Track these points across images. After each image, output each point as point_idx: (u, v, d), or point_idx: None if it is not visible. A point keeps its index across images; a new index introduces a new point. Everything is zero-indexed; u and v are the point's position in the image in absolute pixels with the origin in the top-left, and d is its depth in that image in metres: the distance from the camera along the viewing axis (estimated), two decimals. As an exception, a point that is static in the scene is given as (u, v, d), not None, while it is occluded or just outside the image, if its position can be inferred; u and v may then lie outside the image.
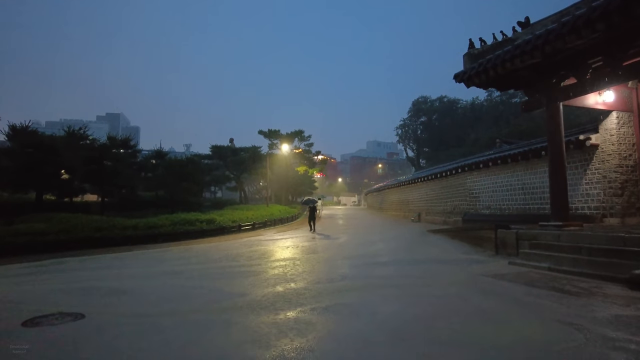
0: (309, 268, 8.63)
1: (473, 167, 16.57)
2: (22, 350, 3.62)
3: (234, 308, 5.20)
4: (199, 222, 17.14)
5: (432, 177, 21.09)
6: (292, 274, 7.78)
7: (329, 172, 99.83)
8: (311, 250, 12.11)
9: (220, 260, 10.15)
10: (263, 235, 17.43)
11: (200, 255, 11.31)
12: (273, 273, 7.99)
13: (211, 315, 4.90)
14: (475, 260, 9.55)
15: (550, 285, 6.26)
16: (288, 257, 10.49)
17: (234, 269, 8.74)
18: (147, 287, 6.81)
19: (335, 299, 5.56)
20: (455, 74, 11.05)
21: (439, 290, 6.14)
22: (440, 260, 9.54)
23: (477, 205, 16.56)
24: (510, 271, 7.83)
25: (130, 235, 14.72)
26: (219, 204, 28.26)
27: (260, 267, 8.91)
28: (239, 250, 12.11)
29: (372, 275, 7.74)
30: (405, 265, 8.92)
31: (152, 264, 9.93)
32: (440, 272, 8.01)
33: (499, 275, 7.38)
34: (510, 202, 14.47)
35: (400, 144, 62.09)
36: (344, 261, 9.69)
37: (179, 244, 14.73)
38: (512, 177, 14.43)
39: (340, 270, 8.23)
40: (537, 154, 12.97)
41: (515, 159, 14.01)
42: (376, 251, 11.40)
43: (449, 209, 19.43)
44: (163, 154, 25.62)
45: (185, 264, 9.67)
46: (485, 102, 52.60)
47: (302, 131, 33.88)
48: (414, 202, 25.93)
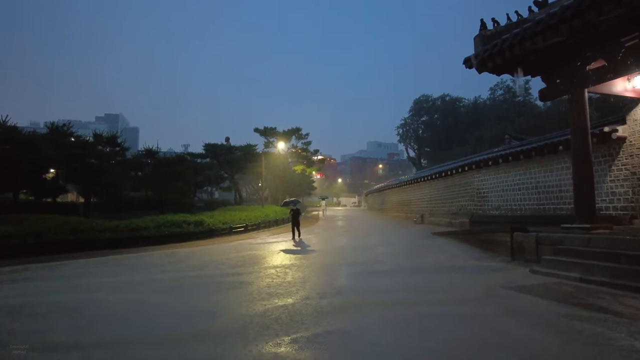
0: (299, 278, 7.45)
1: (481, 164, 15.39)
2: (22, 350, 3.52)
3: (194, 337, 4.03)
4: (186, 224, 15.97)
5: (437, 176, 19.90)
6: (278, 287, 6.60)
7: (329, 173, 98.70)
8: (305, 255, 10.93)
9: (201, 268, 8.98)
10: (255, 238, 16.26)
11: (180, 262, 10.14)
12: (257, 285, 6.81)
13: (159, 349, 3.73)
14: (490, 267, 8.37)
15: (590, 303, 5.08)
16: (278, 265, 9.31)
17: (214, 279, 7.57)
18: (99, 304, 5.65)
19: (325, 323, 4.38)
20: (465, 58, 9.89)
21: (454, 309, 4.96)
22: (450, 268, 8.36)
23: (486, 205, 15.38)
24: (534, 282, 6.65)
25: (109, 238, 13.56)
26: (213, 204, 27.10)
27: (244, 276, 7.73)
28: (226, 256, 10.93)
29: (371, 287, 6.56)
30: (410, 275, 7.73)
31: (122, 272, 8.75)
32: (452, 283, 6.83)
33: (522, 287, 6.20)
34: (523, 202, 13.29)
35: (401, 143, 60.89)
36: (341, 269, 8.52)
37: (163, 247, 13.56)
38: (524, 175, 13.25)
39: (335, 281, 7.05)
40: (553, 149, 11.80)
41: (528, 155, 12.84)
42: (377, 257, 10.22)
43: (454, 210, 18.25)
44: (153, 153, 24.41)
45: (159, 272, 8.50)
46: (488, 101, 51.43)
47: (300, 129, 32.59)
48: (416, 203, 24.74)
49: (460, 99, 53.03)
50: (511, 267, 8.25)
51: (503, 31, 9.23)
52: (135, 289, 6.72)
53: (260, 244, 14.08)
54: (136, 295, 6.16)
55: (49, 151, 17.77)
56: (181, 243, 14.58)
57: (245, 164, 27.02)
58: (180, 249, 13.10)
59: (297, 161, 34.19)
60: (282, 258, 10.41)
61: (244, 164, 27.01)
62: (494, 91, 51.06)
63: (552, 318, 4.48)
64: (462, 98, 53.17)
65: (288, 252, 11.55)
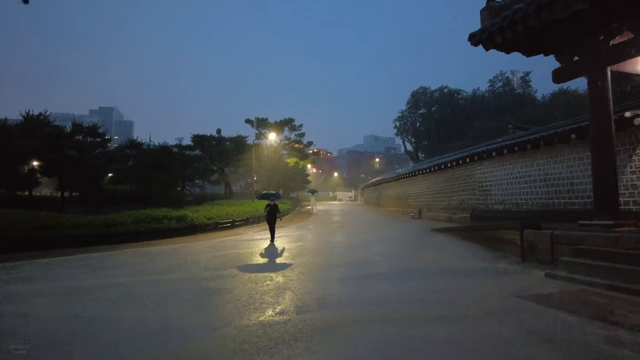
0: (279, 284, 6.39)
1: (484, 155, 14.34)
2: (22, 350, 3.44)
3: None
4: (167, 220, 14.89)
5: (435, 168, 18.85)
6: (249, 297, 5.54)
7: (325, 167, 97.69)
8: (291, 255, 9.88)
9: (170, 270, 7.90)
10: (242, 234, 15.19)
11: (152, 261, 9.07)
12: (224, 297, 5.74)
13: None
14: (498, 270, 7.35)
15: (636, 322, 4.04)
16: (258, 267, 8.26)
17: (177, 285, 6.51)
18: (20, 320, 4.55)
19: (298, 356, 3.32)
20: (470, 33, 8.81)
21: (466, 331, 3.92)
22: (454, 271, 7.34)
23: (489, 199, 14.36)
24: (554, 289, 5.63)
25: (81, 235, 12.45)
26: (203, 198, 25.98)
27: (213, 282, 6.66)
28: (203, 255, 9.87)
29: (363, 297, 5.50)
30: (409, 279, 6.70)
31: (79, 274, 7.65)
32: (458, 290, 5.80)
33: (542, 297, 5.18)
34: (529, 195, 12.28)
35: (398, 136, 59.70)
36: (330, 272, 7.47)
37: (139, 245, 12.48)
38: (531, 166, 12.23)
39: (321, 289, 6.00)
40: (564, 138, 10.76)
41: (536, 145, 11.80)
42: (371, 257, 9.18)
43: (454, 205, 17.24)
44: (137, 144, 23.21)
45: (121, 275, 7.43)
46: (487, 93, 50.47)
47: (292, 119, 31.25)
48: (413, 197, 23.73)
49: (459, 90, 51.93)
50: (523, 270, 7.23)
51: (514, 1, 8.15)
52: (81, 297, 5.64)
53: (246, 241, 13.01)
54: (78, 307, 5.08)
55: (21, 141, 16.54)
56: (160, 240, 13.51)
57: (235, 156, 25.80)
58: (157, 246, 12.03)
59: (290, 153, 32.94)
60: (265, 258, 9.36)
61: (234, 156, 25.80)
62: (493, 83, 50.14)
63: (594, 346, 3.44)
64: (461, 90, 52.04)
65: (272, 252, 10.50)
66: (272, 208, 12.44)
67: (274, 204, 12.57)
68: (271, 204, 12.46)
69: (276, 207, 12.67)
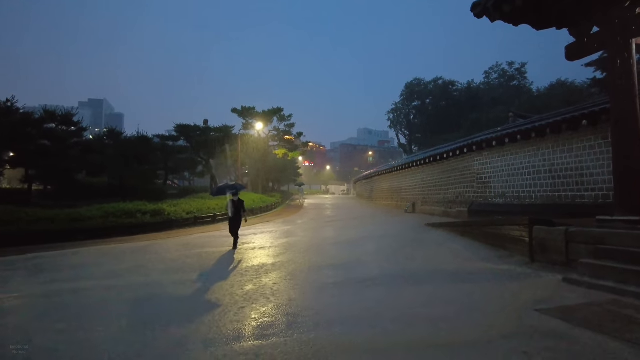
0: (246, 295, 5.32)
1: (483, 145, 13.34)
2: (22, 350, 3.35)
3: None
4: (141, 214, 13.70)
5: (431, 160, 17.84)
6: (203, 312, 4.45)
7: (318, 160, 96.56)
8: (273, 254, 8.82)
9: (119, 275, 6.78)
10: (222, 230, 14.03)
11: (106, 263, 7.92)
12: (170, 312, 4.64)
13: None
14: (506, 273, 6.35)
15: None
16: (227, 269, 7.18)
17: (122, 294, 5.39)
18: None
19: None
20: (474, 2, 7.75)
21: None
22: (455, 274, 6.31)
23: (488, 192, 13.39)
24: (580, 300, 4.62)
25: (41, 231, 11.23)
26: (188, 192, 24.69)
27: (166, 289, 5.57)
28: (170, 255, 8.76)
29: (347, 313, 4.42)
30: (404, 286, 5.64)
31: (12, 277, 6.49)
32: (462, 301, 4.77)
33: (568, 311, 4.17)
34: (533, 188, 11.32)
35: (392, 129, 58.56)
36: (311, 276, 6.42)
37: (107, 242, 11.33)
38: (535, 156, 11.25)
39: (297, 301, 4.93)
40: (573, 125, 9.79)
41: (541, 133, 10.83)
42: (360, 256, 8.13)
43: (450, 198, 16.26)
44: (117, 134, 21.87)
45: (54, 280, 6.29)
46: (482, 85, 49.48)
47: (281, 109, 29.70)
48: (407, 190, 22.74)
49: (454, 82, 50.84)
50: (534, 273, 6.24)
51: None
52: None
53: (225, 237, 11.88)
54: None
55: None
56: (131, 236, 12.34)
57: (220, 146, 24.52)
58: (125, 243, 10.88)
59: (280, 144, 31.61)
60: (238, 259, 8.27)
61: (220, 147, 24.52)
62: (489, 75, 49.13)
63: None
64: (456, 81, 50.96)
65: (250, 251, 9.41)
66: (235, 204, 9.80)
67: (237, 199, 9.90)
68: (234, 199, 9.81)
69: (241, 204, 10.02)
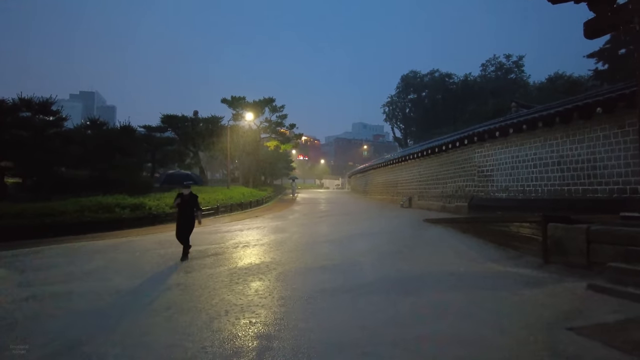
0: (217, 305, 4.48)
1: (485, 136, 12.54)
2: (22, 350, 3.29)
3: None
4: (120, 209, 12.74)
5: (429, 152, 17.02)
6: (149, 330, 3.60)
7: (312, 155, 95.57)
8: (258, 253, 7.97)
9: (77, 278, 5.96)
10: (210, 225, 13.16)
11: (67, 264, 7.04)
12: (111, 334, 3.78)
13: None
14: (519, 277, 5.58)
15: None
16: (200, 273, 6.32)
17: (45, 305, 4.52)
18: None
19: None
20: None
21: None
22: (460, 278, 5.53)
23: (490, 186, 12.62)
24: (620, 315, 3.85)
25: (4, 228, 10.27)
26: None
27: (120, 300, 4.71)
28: (143, 255, 7.89)
29: (336, 334, 3.59)
30: (403, 294, 4.83)
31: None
32: (474, 315, 3.98)
33: (606, 330, 3.39)
34: (539, 181, 10.57)
35: (387, 122, 57.66)
36: (299, 282, 5.59)
37: (79, 238, 10.41)
38: (542, 147, 10.49)
39: (275, 315, 4.10)
40: (586, 112, 9.00)
41: (549, 122, 10.04)
42: (355, 257, 7.31)
43: (449, 192, 15.49)
44: (100, 124, 20.76)
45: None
46: (479, 78, 48.71)
47: (273, 99, 28.51)
48: (403, 184, 21.95)
49: (450, 74, 49.98)
50: (552, 278, 5.47)
51: None
52: None
53: (206, 234, 11.02)
54: None
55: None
56: (108, 232, 11.42)
57: (209, 137, 23.48)
58: (99, 240, 9.98)
59: (271, 137, 30.49)
60: (218, 258, 7.41)
61: (209, 139, 23.47)
62: (486, 67, 48.40)
63: None
64: (452, 74, 50.11)
65: (230, 249, 8.55)
66: (186, 200, 7.61)
67: (189, 194, 7.68)
68: (184, 193, 7.61)
69: (193, 200, 7.77)
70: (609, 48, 24.87)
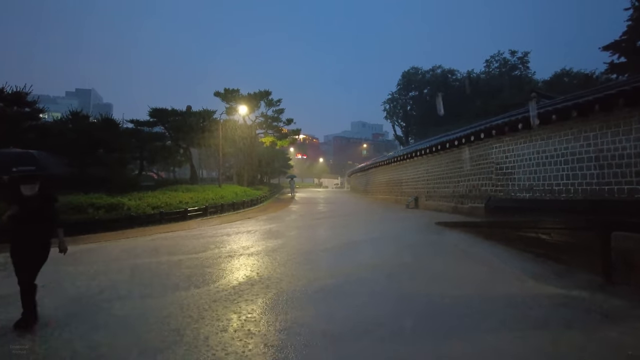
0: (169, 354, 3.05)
1: (505, 129, 11.15)
2: (22, 350, 3.17)
3: None
4: (93, 209, 11.30)
5: (438, 148, 15.62)
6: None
7: (311, 153, 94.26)
8: (243, 266, 6.56)
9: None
10: (192, 228, 11.74)
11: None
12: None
13: None
14: (582, 305, 4.21)
15: None
16: (170, 294, 4.91)
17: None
18: None
19: None
20: None
21: None
22: (504, 310, 4.11)
23: (510, 185, 11.23)
24: None
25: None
26: (166, 184, 22.25)
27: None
28: (102, 267, 6.45)
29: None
30: (441, 338, 3.41)
31: None
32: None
33: None
34: (572, 180, 9.18)
35: (387, 120, 56.13)
36: (289, 316, 4.17)
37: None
38: (576, 140, 9.11)
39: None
40: (635, 98, 7.61)
41: (584, 112, 8.65)
42: (361, 272, 5.90)
43: (462, 192, 14.08)
44: (82, 117, 19.28)
45: None
46: (482, 75, 47.37)
47: (269, 92, 26.92)
48: (409, 183, 20.54)
49: (453, 70, 48.66)
50: (630, 306, 4.06)
51: None
52: None
53: (190, 238, 9.59)
54: None
55: None
56: (76, 236, 9.94)
57: (201, 133, 22.00)
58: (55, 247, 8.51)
59: (267, 132, 28.97)
60: (189, 275, 5.98)
61: (200, 134, 22.00)
62: (489, 64, 47.03)
63: None
64: (455, 70, 48.76)
65: (211, 260, 7.12)
66: (30, 207, 3.69)
67: (36, 192, 3.75)
68: (24, 194, 3.66)
69: (47, 203, 3.92)
70: (625, 39, 23.52)
